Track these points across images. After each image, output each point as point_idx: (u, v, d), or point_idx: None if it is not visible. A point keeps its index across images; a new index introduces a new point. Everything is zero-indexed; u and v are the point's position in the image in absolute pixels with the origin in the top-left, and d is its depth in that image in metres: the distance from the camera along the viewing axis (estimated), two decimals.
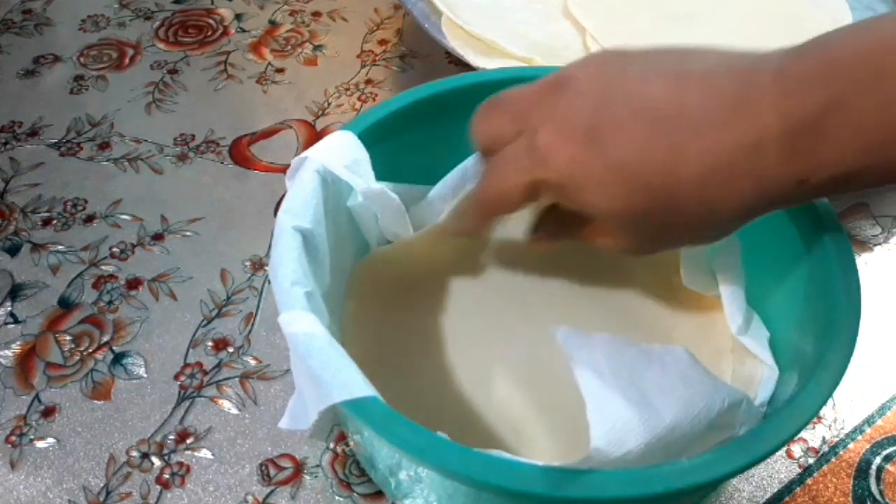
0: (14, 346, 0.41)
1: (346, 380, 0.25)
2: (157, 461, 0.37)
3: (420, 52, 0.60)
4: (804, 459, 0.38)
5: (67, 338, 0.42)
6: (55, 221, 0.48)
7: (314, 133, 0.53)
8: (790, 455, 0.38)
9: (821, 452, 0.38)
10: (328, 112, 0.55)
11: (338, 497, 0.36)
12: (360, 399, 0.25)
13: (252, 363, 0.41)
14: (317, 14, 0.64)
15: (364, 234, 0.37)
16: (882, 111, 0.23)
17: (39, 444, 0.38)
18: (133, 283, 0.44)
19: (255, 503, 0.36)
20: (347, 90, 0.57)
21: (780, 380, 0.32)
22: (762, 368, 0.33)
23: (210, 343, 0.42)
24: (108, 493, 0.36)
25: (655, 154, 0.26)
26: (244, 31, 0.62)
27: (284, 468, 0.37)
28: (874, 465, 0.38)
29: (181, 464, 0.37)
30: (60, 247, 0.46)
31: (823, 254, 0.31)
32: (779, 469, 0.37)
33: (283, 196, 0.32)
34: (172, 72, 0.58)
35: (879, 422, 0.39)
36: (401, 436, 0.24)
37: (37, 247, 0.46)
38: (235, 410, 0.39)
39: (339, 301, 0.36)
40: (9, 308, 0.43)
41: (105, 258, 0.46)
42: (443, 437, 0.25)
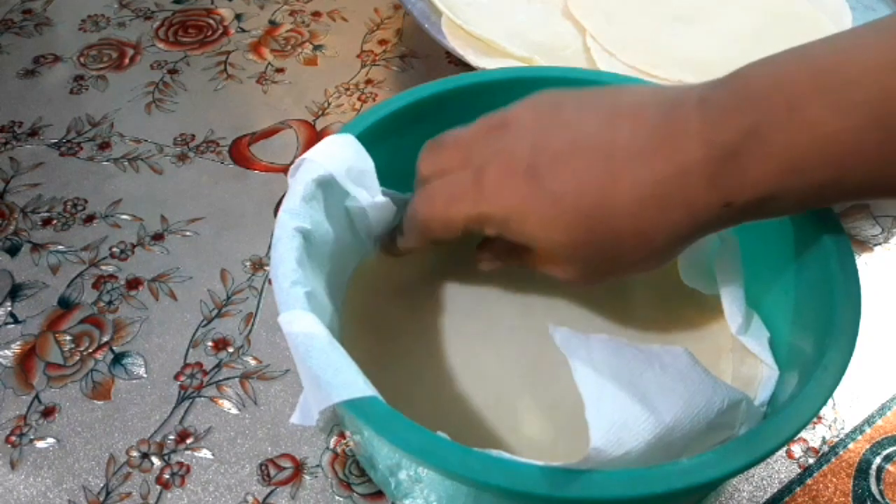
0: (14, 346, 0.41)
1: (347, 380, 0.25)
2: (157, 461, 0.37)
3: (420, 52, 0.60)
4: (804, 459, 0.38)
5: (67, 338, 0.42)
6: (55, 221, 0.48)
7: (314, 133, 0.53)
8: (790, 455, 0.38)
9: (821, 452, 0.38)
10: (328, 112, 0.55)
11: (338, 497, 0.36)
12: (360, 399, 0.25)
13: (252, 363, 0.41)
14: (317, 14, 0.64)
15: (362, 235, 0.37)
16: (794, 136, 0.24)
17: (39, 444, 0.38)
18: (133, 283, 0.44)
19: (255, 503, 0.36)
20: (347, 90, 0.57)
21: (780, 380, 0.32)
22: (762, 368, 0.33)
23: (210, 343, 0.42)
24: (108, 494, 0.36)
25: (591, 186, 0.27)
26: (244, 31, 0.62)
27: (284, 468, 0.37)
28: (874, 465, 0.38)
29: (181, 464, 0.37)
30: (60, 247, 0.46)
31: (823, 254, 0.30)
32: (779, 469, 0.37)
33: (283, 196, 0.32)
34: (172, 72, 0.58)
35: (879, 422, 0.39)
36: (401, 436, 0.24)
37: (37, 247, 0.46)
38: (235, 410, 0.39)
39: (339, 301, 0.36)
40: (9, 308, 0.43)
41: (105, 258, 0.46)
42: (443, 437, 0.25)
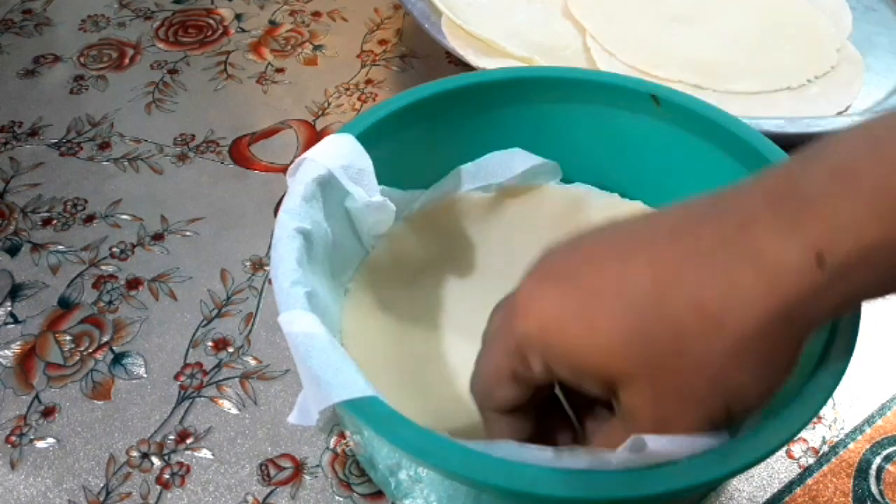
0: (14, 346, 0.41)
1: (346, 380, 0.25)
2: (157, 461, 0.37)
3: (420, 52, 0.60)
4: (804, 459, 0.38)
5: (67, 338, 0.42)
6: (55, 221, 0.48)
7: (314, 133, 0.53)
8: (790, 455, 0.38)
9: (821, 452, 0.38)
10: (328, 112, 0.55)
11: (338, 497, 0.36)
12: (360, 399, 0.25)
13: (252, 363, 0.41)
14: (317, 14, 0.64)
15: (362, 235, 0.37)
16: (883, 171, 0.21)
17: (39, 444, 0.38)
18: (133, 283, 0.44)
19: (255, 503, 0.36)
20: (347, 90, 0.57)
21: None
22: None
23: (210, 343, 0.42)
24: (108, 494, 0.36)
25: (639, 288, 0.23)
26: (244, 31, 0.62)
27: (284, 468, 0.37)
28: (874, 465, 0.38)
29: (181, 464, 0.37)
30: (60, 247, 0.46)
31: None
32: (779, 469, 0.37)
33: (283, 196, 0.32)
34: (172, 72, 0.58)
35: (879, 422, 0.39)
36: (401, 436, 0.24)
37: (37, 247, 0.46)
38: (235, 410, 0.39)
39: (339, 301, 0.36)
40: (9, 308, 0.43)
41: (105, 258, 0.46)
42: (443, 437, 0.25)
